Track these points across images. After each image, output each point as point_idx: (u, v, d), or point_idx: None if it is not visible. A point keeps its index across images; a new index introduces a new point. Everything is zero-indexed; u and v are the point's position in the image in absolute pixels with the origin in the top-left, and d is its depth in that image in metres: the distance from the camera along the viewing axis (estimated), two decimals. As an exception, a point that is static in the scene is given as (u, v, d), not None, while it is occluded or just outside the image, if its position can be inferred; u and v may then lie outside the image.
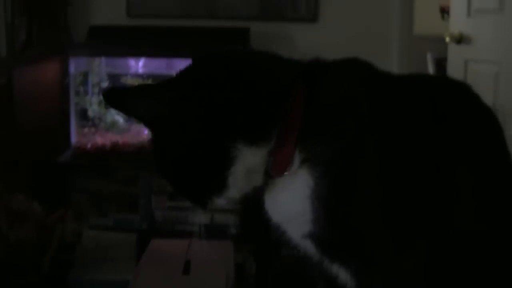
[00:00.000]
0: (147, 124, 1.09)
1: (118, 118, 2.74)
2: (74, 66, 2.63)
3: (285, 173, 1.04)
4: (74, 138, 2.64)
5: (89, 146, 2.63)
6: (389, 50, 2.96)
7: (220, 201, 1.08)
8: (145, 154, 2.59)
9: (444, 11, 4.86)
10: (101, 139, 2.66)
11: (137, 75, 2.70)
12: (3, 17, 2.60)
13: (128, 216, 2.58)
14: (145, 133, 2.70)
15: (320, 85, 1.06)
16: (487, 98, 1.24)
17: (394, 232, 1.02)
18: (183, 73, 1.09)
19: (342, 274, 1.06)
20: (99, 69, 2.73)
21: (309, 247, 1.07)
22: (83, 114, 2.72)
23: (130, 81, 2.69)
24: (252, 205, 1.08)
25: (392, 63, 2.95)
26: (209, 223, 2.52)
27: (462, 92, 1.15)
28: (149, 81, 2.66)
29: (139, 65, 2.71)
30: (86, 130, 2.71)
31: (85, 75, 2.71)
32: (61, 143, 2.76)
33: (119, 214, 2.59)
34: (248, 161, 1.03)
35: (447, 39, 2.81)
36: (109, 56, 2.73)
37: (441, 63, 3.44)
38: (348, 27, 2.95)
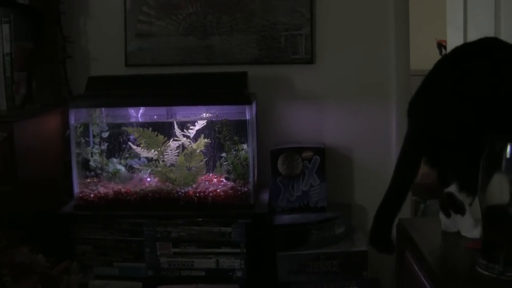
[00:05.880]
0: None
1: (120, 167, 2.75)
2: (74, 117, 2.63)
3: None
4: (76, 189, 2.64)
5: (92, 196, 2.63)
6: (386, 88, 2.97)
7: None
8: (149, 202, 2.60)
9: (441, 46, 4.93)
10: (104, 188, 2.66)
11: (137, 124, 2.72)
12: (2, 72, 2.64)
13: (134, 264, 2.57)
14: (148, 180, 2.71)
15: None
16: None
17: None
18: None
19: None
20: (100, 119, 2.75)
21: None
22: (85, 165, 2.72)
23: (131, 131, 2.70)
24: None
25: (390, 99, 2.97)
26: (214, 267, 2.50)
27: None
28: (150, 130, 2.68)
29: (139, 114, 2.73)
30: (88, 180, 2.72)
31: (86, 126, 2.73)
32: (63, 194, 2.76)
33: (124, 263, 2.57)
34: None
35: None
36: (109, 107, 2.75)
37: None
38: (344, 67, 2.98)
